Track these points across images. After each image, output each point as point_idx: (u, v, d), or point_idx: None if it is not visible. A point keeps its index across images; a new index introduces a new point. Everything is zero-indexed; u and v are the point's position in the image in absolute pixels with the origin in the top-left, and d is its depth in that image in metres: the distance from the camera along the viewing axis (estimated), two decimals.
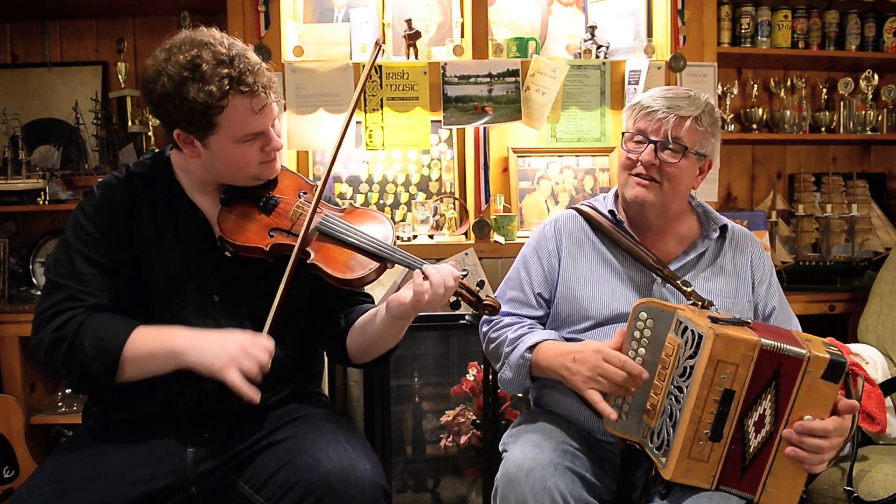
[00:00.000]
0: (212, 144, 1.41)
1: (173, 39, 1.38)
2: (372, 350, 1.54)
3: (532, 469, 1.39)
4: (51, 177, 2.69)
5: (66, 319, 1.36)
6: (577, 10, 2.87)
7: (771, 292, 1.68)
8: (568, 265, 1.67)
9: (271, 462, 1.39)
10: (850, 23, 3.02)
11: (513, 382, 1.63)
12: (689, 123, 1.55)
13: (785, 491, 1.34)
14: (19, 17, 2.84)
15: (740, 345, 1.30)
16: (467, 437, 2.49)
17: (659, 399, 1.38)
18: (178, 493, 1.40)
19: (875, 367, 2.21)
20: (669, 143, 1.56)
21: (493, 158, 2.71)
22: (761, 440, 1.34)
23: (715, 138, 1.62)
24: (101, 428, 1.47)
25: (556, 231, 1.72)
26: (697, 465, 1.34)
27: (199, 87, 1.32)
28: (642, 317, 1.43)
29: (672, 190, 1.59)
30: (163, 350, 1.36)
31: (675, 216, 1.67)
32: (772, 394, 1.32)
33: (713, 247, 1.67)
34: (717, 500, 1.34)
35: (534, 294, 1.69)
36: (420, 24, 2.67)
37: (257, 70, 1.38)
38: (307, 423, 1.46)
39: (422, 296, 1.37)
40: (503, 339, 1.65)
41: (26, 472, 2.37)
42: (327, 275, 1.43)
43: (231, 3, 2.48)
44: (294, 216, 1.49)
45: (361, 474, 1.33)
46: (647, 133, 1.58)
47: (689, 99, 1.58)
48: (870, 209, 3.03)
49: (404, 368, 2.60)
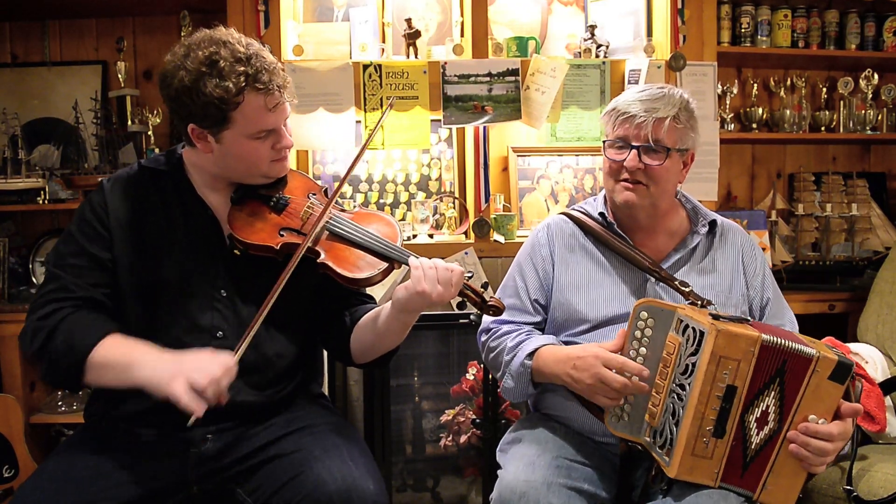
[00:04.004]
0: (225, 140, 1.43)
1: (193, 37, 1.42)
2: (375, 348, 1.55)
3: (525, 493, 1.40)
4: (50, 176, 2.69)
5: (52, 310, 1.38)
6: (576, 10, 2.86)
7: (766, 284, 1.68)
8: (562, 270, 1.68)
9: (276, 476, 1.39)
10: (850, 22, 3.02)
11: (515, 391, 1.63)
12: (667, 123, 1.57)
13: (784, 489, 1.35)
14: (19, 17, 2.84)
15: (742, 340, 1.31)
16: (467, 437, 2.49)
17: (661, 398, 1.38)
18: (179, 494, 1.40)
19: (875, 367, 2.21)
20: (651, 146, 1.57)
21: (492, 158, 2.71)
22: (764, 437, 1.34)
23: (694, 131, 1.63)
24: (101, 427, 1.47)
25: (549, 237, 1.73)
26: (701, 462, 1.34)
27: (216, 83, 1.36)
28: (643, 316, 1.43)
29: (660, 190, 1.61)
30: (119, 362, 1.34)
31: (664, 213, 1.69)
32: (776, 391, 1.33)
33: (704, 242, 1.68)
34: (717, 498, 1.34)
35: (530, 301, 1.70)
36: (420, 24, 2.67)
37: (273, 69, 1.41)
38: (313, 436, 1.46)
39: (420, 279, 1.38)
40: (502, 347, 1.65)
41: (26, 472, 2.36)
42: (337, 274, 1.45)
43: (231, 3, 2.48)
44: (304, 216, 1.51)
45: (364, 495, 1.33)
46: (628, 139, 1.59)
47: (664, 98, 1.59)
48: (869, 209, 3.03)
49: (404, 368, 2.60)
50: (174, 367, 1.29)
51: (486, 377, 2.38)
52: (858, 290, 2.72)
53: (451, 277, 1.40)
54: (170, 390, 1.26)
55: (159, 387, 1.28)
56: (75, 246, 1.44)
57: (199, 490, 1.42)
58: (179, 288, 1.46)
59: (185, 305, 1.46)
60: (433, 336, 2.61)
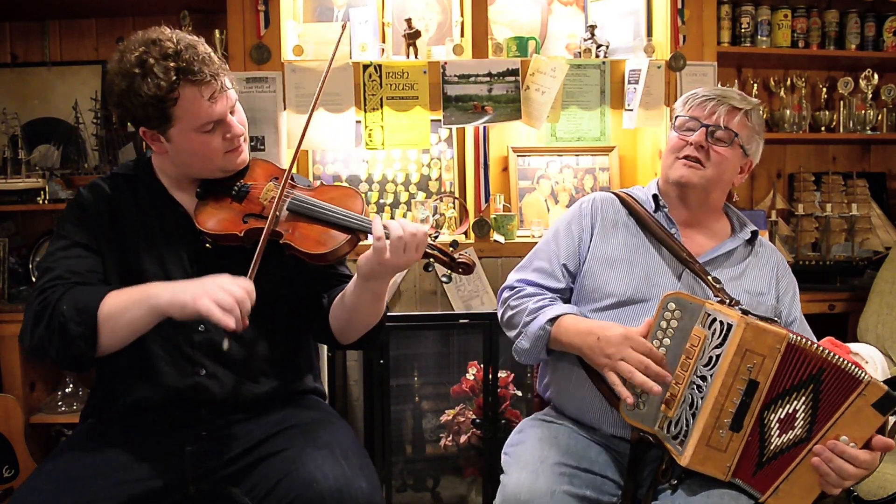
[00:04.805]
0: (173, 137, 1.43)
1: (127, 41, 1.43)
2: (353, 324, 1.53)
3: (529, 501, 1.40)
4: (50, 176, 2.69)
5: (50, 294, 1.37)
6: (576, 10, 2.87)
7: (795, 303, 1.69)
8: (598, 242, 1.69)
9: (269, 475, 1.38)
10: (850, 22, 3.02)
11: (528, 352, 1.63)
12: (740, 116, 1.63)
13: (795, 500, 1.34)
14: (19, 17, 2.84)
15: (769, 336, 1.33)
16: (467, 437, 2.49)
17: (680, 389, 1.39)
18: (176, 493, 1.40)
19: (875, 367, 2.21)
20: (721, 128, 1.62)
21: (492, 158, 2.71)
22: (787, 442, 1.34)
23: (760, 140, 1.69)
24: (100, 427, 1.48)
25: (594, 209, 1.73)
26: (715, 453, 1.35)
27: (148, 81, 1.36)
28: (671, 307, 1.44)
29: (716, 175, 1.64)
30: (137, 297, 1.33)
31: (712, 208, 1.71)
32: (807, 397, 1.33)
33: (742, 249, 1.70)
34: (728, 499, 1.34)
35: (560, 265, 1.70)
36: (420, 24, 2.67)
37: (205, 59, 1.40)
38: (305, 434, 1.45)
39: (382, 248, 1.36)
40: (523, 307, 1.65)
41: (26, 472, 2.36)
42: (300, 252, 1.44)
43: (231, 3, 2.48)
44: (264, 199, 1.51)
45: (356, 494, 1.32)
46: (700, 118, 1.64)
47: (742, 95, 1.67)
48: (869, 208, 3.03)
49: (404, 368, 2.60)
50: (197, 288, 1.28)
51: (486, 377, 2.38)
52: (858, 290, 2.72)
53: (416, 242, 1.38)
54: (198, 306, 1.25)
55: (185, 306, 1.27)
56: (64, 241, 1.45)
57: (196, 490, 1.42)
58: None
59: None
60: (433, 336, 2.61)
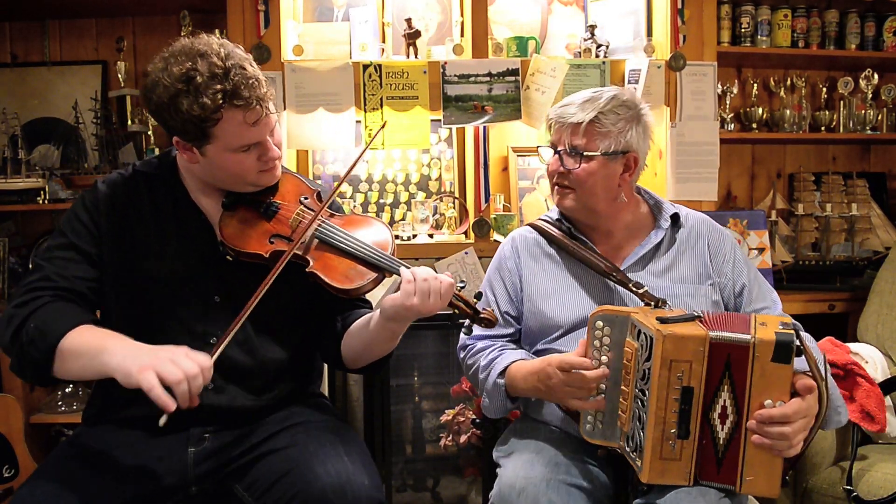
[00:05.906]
0: (208, 153, 1.41)
1: (172, 48, 1.38)
2: (365, 355, 1.54)
3: (524, 488, 1.40)
4: (50, 176, 2.69)
5: (30, 299, 1.35)
6: (576, 10, 2.86)
7: (738, 269, 1.67)
8: (529, 280, 1.70)
9: (271, 471, 1.38)
10: (850, 22, 3.02)
11: (495, 409, 1.65)
12: (583, 128, 1.59)
13: (764, 477, 1.33)
14: (19, 17, 2.84)
15: (689, 342, 1.31)
16: (467, 437, 2.48)
17: (627, 404, 1.39)
18: (178, 494, 1.40)
19: (875, 367, 2.21)
20: (566, 150, 1.61)
21: (492, 157, 2.71)
22: (728, 432, 1.34)
23: (634, 131, 1.62)
24: (100, 427, 1.47)
25: (514, 249, 1.75)
26: (671, 464, 1.35)
27: (192, 100, 1.32)
28: (598, 325, 1.44)
29: (587, 193, 1.63)
30: (94, 347, 1.28)
31: (611, 215, 1.68)
32: (727, 384, 1.33)
33: (668, 236, 1.68)
34: (695, 494, 1.35)
35: (501, 314, 1.72)
36: (420, 24, 2.67)
37: (252, 83, 1.36)
38: (307, 433, 1.45)
39: (409, 293, 1.37)
40: (477, 365, 1.68)
41: (26, 472, 2.36)
42: (325, 283, 1.44)
43: (231, 3, 2.47)
44: (294, 223, 1.49)
45: (358, 490, 1.32)
46: (555, 143, 1.65)
47: (583, 104, 1.61)
48: (869, 208, 3.03)
49: (404, 368, 2.61)
50: (147, 358, 1.22)
51: None
52: (858, 290, 2.72)
53: (441, 289, 1.39)
54: (139, 379, 1.19)
55: (129, 375, 1.20)
56: (63, 240, 1.43)
57: (198, 490, 1.42)
58: (171, 293, 1.45)
59: (177, 310, 1.45)
60: (433, 336, 2.62)
